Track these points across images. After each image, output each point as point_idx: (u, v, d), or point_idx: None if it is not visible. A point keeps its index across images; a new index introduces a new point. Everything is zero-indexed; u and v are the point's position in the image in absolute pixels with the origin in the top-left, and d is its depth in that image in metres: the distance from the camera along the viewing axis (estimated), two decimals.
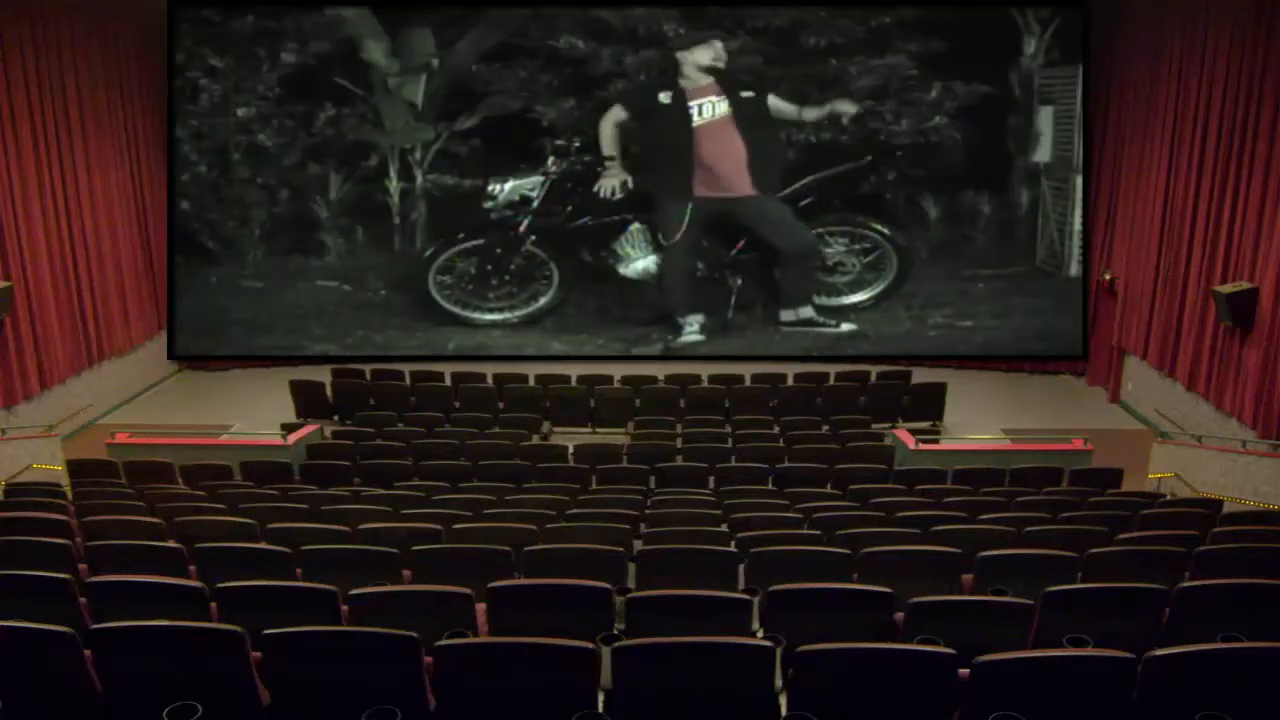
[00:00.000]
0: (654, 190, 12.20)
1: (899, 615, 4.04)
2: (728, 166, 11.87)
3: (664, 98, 11.90)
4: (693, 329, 12.56)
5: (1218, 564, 4.93)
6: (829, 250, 12.62)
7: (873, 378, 11.66)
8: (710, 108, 11.79)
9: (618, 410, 10.88)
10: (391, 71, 12.80)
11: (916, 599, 3.95)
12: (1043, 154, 12.88)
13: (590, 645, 3.18)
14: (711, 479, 7.99)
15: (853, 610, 4.08)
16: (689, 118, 11.83)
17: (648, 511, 6.57)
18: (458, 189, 12.96)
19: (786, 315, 12.57)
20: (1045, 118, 12.78)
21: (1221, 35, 9.63)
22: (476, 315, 12.85)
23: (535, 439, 9.99)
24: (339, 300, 13.11)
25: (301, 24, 12.76)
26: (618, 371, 11.68)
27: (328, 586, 4.12)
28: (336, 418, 11.08)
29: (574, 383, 11.39)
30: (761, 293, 12.63)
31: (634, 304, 12.70)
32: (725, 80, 11.88)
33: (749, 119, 11.87)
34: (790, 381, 11.48)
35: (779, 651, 3.33)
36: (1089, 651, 3.35)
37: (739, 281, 12.50)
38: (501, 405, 10.88)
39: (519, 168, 12.55)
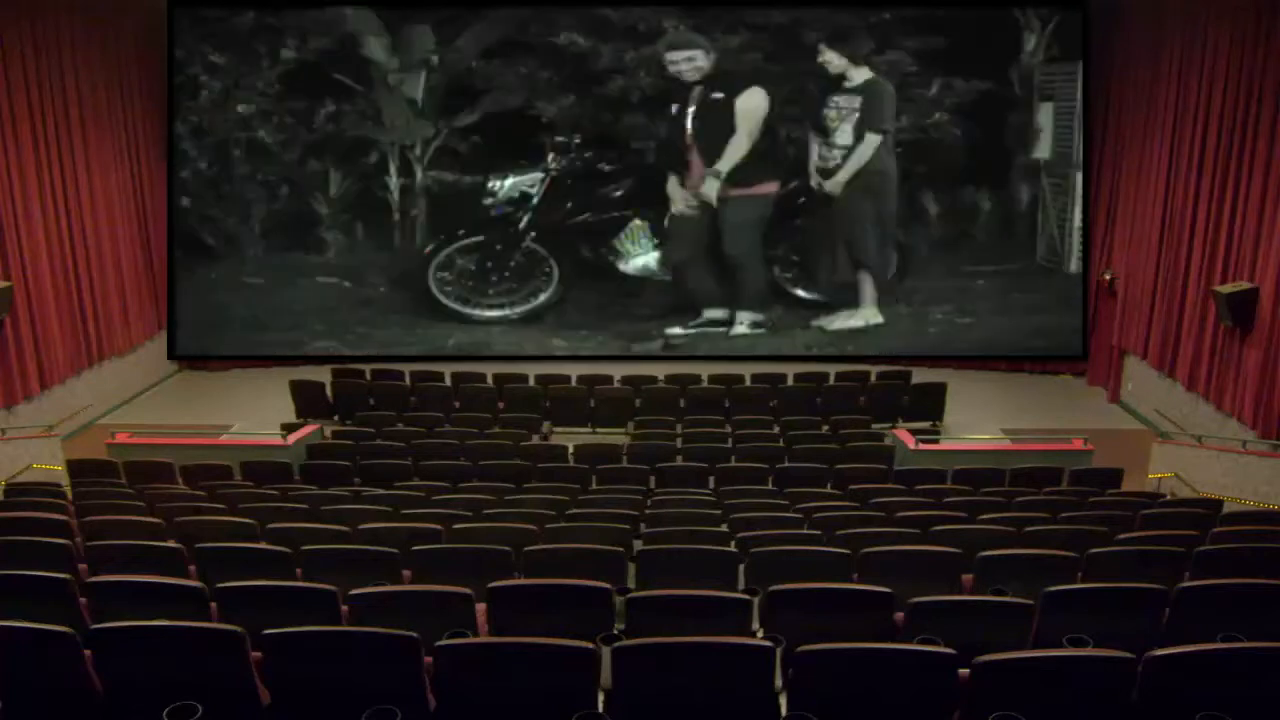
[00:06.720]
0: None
1: (899, 615, 4.04)
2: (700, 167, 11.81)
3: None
4: (741, 325, 12.43)
5: (1218, 564, 4.93)
6: None
7: (873, 378, 11.64)
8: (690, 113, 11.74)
9: (618, 410, 10.86)
10: (391, 68, 12.79)
11: (916, 599, 3.95)
12: (1043, 150, 12.87)
13: (590, 645, 3.18)
14: (711, 479, 7.97)
15: (853, 610, 4.08)
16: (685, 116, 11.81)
17: (648, 511, 6.56)
18: (458, 185, 12.96)
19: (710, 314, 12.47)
20: (1045, 114, 12.76)
21: (1221, 35, 9.62)
22: (477, 312, 12.83)
23: (535, 439, 9.98)
24: (339, 297, 13.10)
25: (301, 20, 12.74)
26: (618, 371, 11.66)
27: (328, 586, 4.12)
28: (336, 418, 11.08)
29: (574, 383, 11.38)
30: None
31: (638, 299, 12.68)
32: (704, 82, 11.76)
33: (716, 120, 11.67)
34: (790, 381, 11.46)
35: (779, 651, 3.33)
36: (1089, 651, 3.35)
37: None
38: (501, 405, 10.87)
39: (519, 164, 12.54)
